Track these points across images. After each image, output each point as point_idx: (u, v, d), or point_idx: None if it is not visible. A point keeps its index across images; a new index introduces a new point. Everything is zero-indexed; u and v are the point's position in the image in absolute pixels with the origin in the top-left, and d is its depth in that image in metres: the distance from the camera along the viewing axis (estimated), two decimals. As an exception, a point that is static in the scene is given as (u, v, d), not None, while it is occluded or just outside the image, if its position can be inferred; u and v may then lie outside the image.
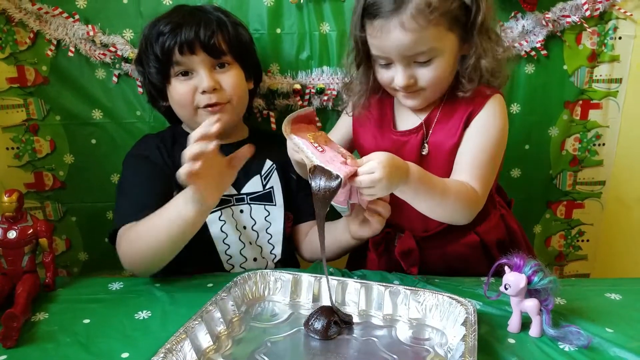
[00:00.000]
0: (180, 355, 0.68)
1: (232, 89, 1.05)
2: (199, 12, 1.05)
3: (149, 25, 1.05)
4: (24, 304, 0.82)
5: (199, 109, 1.03)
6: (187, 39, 0.99)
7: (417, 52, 0.88)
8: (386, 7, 0.85)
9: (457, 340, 0.72)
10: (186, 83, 1.03)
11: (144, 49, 1.06)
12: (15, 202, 0.89)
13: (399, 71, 0.91)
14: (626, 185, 1.41)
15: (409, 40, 0.86)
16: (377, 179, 0.75)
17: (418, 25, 0.84)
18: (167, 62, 1.02)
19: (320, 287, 0.88)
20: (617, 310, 0.87)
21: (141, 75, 1.12)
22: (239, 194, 1.09)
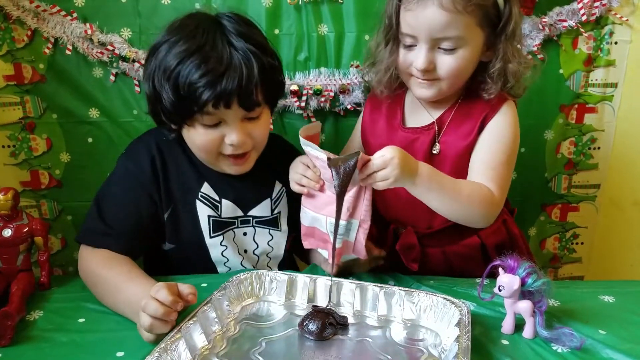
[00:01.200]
0: (174, 354, 0.68)
1: (261, 139, 0.98)
2: (236, 55, 0.88)
3: (168, 52, 0.89)
4: (19, 302, 0.82)
5: (221, 155, 0.96)
6: (225, 95, 0.87)
7: (445, 35, 0.89)
8: None
9: (451, 341, 0.72)
10: (213, 131, 0.92)
11: (160, 79, 0.90)
12: (11, 200, 0.89)
13: (422, 52, 0.91)
14: (621, 189, 1.42)
15: (442, 20, 0.87)
16: (389, 157, 0.80)
17: (455, 7, 0.85)
18: (194, 111, 0.89)
19: (316, 287, 0.88)
20: (611, 312, 0.87)
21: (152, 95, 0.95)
22: (245, 216, 1.04)
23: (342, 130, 1.34)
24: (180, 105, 0.89)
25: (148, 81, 0.93)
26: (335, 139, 1.35)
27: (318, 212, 0.92)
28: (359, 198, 0.88)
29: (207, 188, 1.00)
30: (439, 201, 0.89)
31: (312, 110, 1.30)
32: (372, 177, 0.82)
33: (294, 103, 1.28)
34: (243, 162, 0.97)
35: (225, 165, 0.98)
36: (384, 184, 0.83)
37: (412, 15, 0.90)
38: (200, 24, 0.91)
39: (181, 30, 0.91)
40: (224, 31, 0.91)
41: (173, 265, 1.02)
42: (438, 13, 0.86)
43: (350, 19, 1.26)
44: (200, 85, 0.86)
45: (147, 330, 0.74)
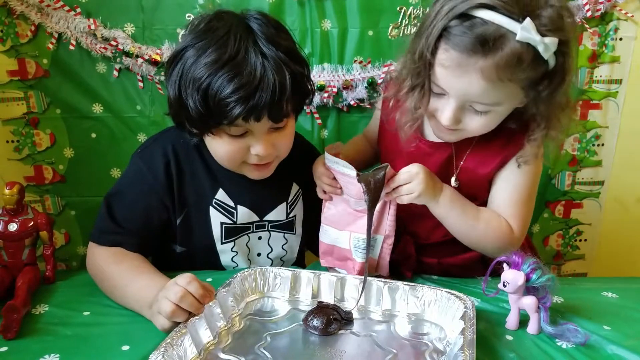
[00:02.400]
0: (180, 349, 0.68)
1: (285, 148, 0.95)
2: (269, 66, 0.83)
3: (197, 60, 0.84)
4: (25, 296, 0.82)
5: (244, 163, 0.93)
6: (257, 110, 0.83)
7: (481, 101, 0.81)
8: (473, 44, 0.75)
9: (456, 335, 0.72)
10: (239, 141, 0.89)
11: (188, 87, 0.85)
12: (16, 194, 0.89)
13: (449, 109, 0.83)
14: (625, 186, 1.42)
15: (481, 88, 0.78)
16: (415, 172, 0.83)
17: (498, 77, 0.76)
18: (222, 123, 0.86)
19: (320, 283, 0.88)
20: (614, 309, 0.87)
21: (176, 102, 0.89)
22: (261, 221, 1.03)
23: (345, 126, 1.34)
24: (208, 115, 0.85)
25: (173, 87, 0.87)
26: (338, 134, 1.35)
27: (341, 229, 0.92)
28: (384, 213, 0.90)
29: (222, 195, 0.99)
30: (457, 225, 0.91)
31: (315, 106, 1.30)
32: (397, 190, 0.85)
33: (298, 99, 1.28)
34: (265, 169, 0.95)
35: (247, 171, 0.95)
36: (408, 197, 0.84)
37: (447, 74, 0.80)
38: (231, 30, 0.85)
39: (210, 35, 0.85)
40: (255, 38, 0.85)
41: (182, 266, 1.01)
42: (477, 81, 0.77)
43: (354, 14, 1.26)
44: (232, 100, 0.82)
45: (168, 317, 0.73)
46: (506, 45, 0.74)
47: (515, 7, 0.73)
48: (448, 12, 0.76)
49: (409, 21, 1.25)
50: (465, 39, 0.75)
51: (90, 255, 0.93)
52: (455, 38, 0.76)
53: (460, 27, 0.76)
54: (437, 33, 0.78)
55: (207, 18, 0.88)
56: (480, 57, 0.75)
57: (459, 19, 0.75)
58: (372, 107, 1.31)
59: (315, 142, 1.33)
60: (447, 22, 0.76)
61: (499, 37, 0.73)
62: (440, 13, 0.78)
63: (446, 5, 0.77)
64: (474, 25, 0.74)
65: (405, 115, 0.89)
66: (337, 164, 0.87)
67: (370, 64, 1.28)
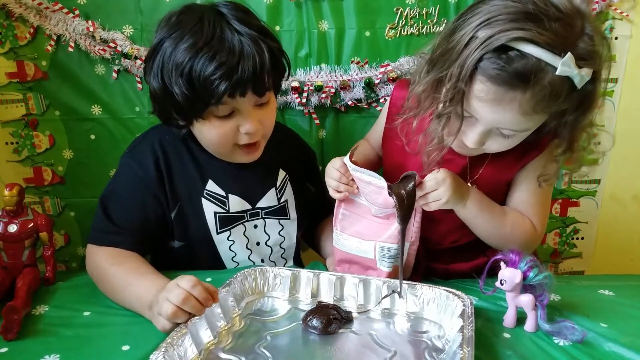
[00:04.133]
0: (181, 349, 0.69)
1: (269, 125, 0.99)
2: (246, 42, 0.87)
3: (175, 48, 0.87)
4: (25, 297, 0.83)
5: (235, 146, 0.96)
6: (241, 84, 0.87)
7: (511, 128, 0.80)
8: (512, 79, 0.73)
9: (455, 332, 0.73)
10: (228, 122, 0.92)
11: (171, 74, 0.88)
12: (16, 196, 0.90)
13: (476, 133, 0.82)
14: (621, 184, 1.42)
15: (516, 119, 0.77)
16: (442, 178, 0.83)
17: (534, 110, 0.75)
18: (209, 103, 0.89)
19: (319, 283, 0.88)
20: (611, 306, 0.88)
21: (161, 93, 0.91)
22: (254, 209, 1.04)
23: (343, 126, 1.35)
24: (195, 98, 0.88)
25: (156, 78, 0.90)
26: (336, 135, 1.36)
27: (366, 239, 0.92)
28: (410, 220, 0.88)
29: (212, 185, 1.01)
30: (485, 227, 0.92)
31: (312, 106, 1.31)
32: (424, 197, 0.84)
33: (295, 99, 1.29)
34: (255, 150, 0.98)
35: (238, 154, 0.98)
36: (436, 204, 0.84)
37: (482, 106, 0.78)
38: (203, 16, 0.89)
39: (183, 24, 0.89)
40: (228, 20, 0.90)
41: (181, 262, 1.03)
42: (512, 113, 0.76)
43: (351, 15, 1.26)
44: (216, 77, 0.85)
45: (169, 319, 0.73)
46: (545, 79, 0.72)
47: (556, 40, 0.71)
48: (484, 42, 0.73)
49: (406, 22, 1.25)
50: (504, 74, 0.73)
51: (89, 257, 0.93)
52: (492, 71, 0.73)
53: (497, 60, 0.73)
54: (472, 64, 0.74)
55: (178, 12, 0.92)
56: (519, 91, 0.73)
57: (496, 51, 0.73)
58: (369, 107, 1.32)
59: (313, 142, 1.34)
60: (485, 52, 0.73)
61: (539, 71, 0.71)
62: (473, 41, 0.74)
63: (480, 33, 0.74)
64: (513, 58, 0.72)
65: (430, 142, 0.86)
66: (361, 173, 0.87)
67: (368, 65, 1.28)
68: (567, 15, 0.72)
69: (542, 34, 0.71)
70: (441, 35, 0.84)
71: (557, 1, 0.73)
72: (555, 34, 0.71)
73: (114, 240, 0.93)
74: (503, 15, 0.73)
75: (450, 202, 0.85)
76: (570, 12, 0.73)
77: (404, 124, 0.92)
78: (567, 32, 0.72)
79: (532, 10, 0.72)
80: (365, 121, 1.33)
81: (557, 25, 0.71)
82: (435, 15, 1.25)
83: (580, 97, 0.76)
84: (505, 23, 0.72)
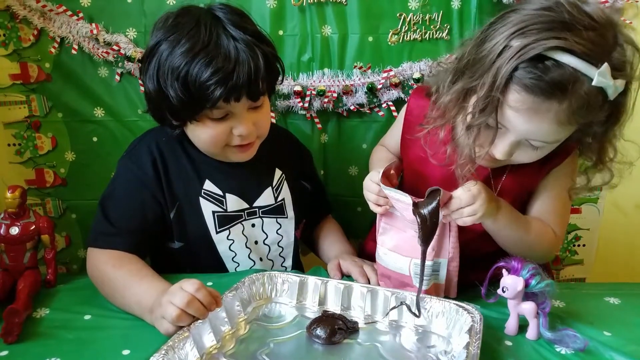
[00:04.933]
0: (182, 352, 0.68)
1: (264, 127, 1.00)
2: (241, 48, 0.89)
3: (172, 51, 0.88)
4: (26, 299, 0.83)
5: (228, 146, 0.97)
6: (236, 89, 0.88)
7: (542, 139, 0.78)
8: (549, 89, 0.71)
9: (460, 348, 0.71)
10: (221, 124, 0.93)
11: (167, 78, 0.89)
12: (18, 198, 0.90)
13: (506, 144, 0.80)
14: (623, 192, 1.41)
15: (550, 130, 0.76)
16: (477, 192, 0.80)
17: (568, 121, 0.74)
18: (204, 107, 0.90)
19: (327, 290, 0.88)
20: (616, 314, 0.88)
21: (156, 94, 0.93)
22: (251, 208, 1.05)
23: (345, 131, 1.35)
24: (191, 102, 0.89)
25: (152, 80, 0.92)
26: (338, 139, 1.36)
27: (404, 254, 0.90)
28: (444, 235, 0.87)
29: (209, 185, 1.01)
30: (511, 238, 0.91)
31: (315, 111, 1.31)
32: (459, 212, 0.82)
33: (297, 104, 1.29)
34: (248, 149, 0.99)
35: (231, 153, 0.99)
36: (471, 219, 0.82)
37: (516, 116, 0.76)
38: (200, 20, 0.90)
39: (180, 27, 0.90)
40: (224, 25, 0.91)
41: (181, 263, 1.03)
42: (548, 124, 0.74)
43: (354, 20, 1.26)
44: (212, 82, 0.86)
45: (173, 322, 0.73)
46: (581, 89, 0.71)
47: (592, 50, 0.70)
48: (519, 51, 0.71)
49: (409, 27, 1.25)
50: (541, 84, 0.71)
51: (89, 260, 0.93)
52: (528, 81, 0.72)
53: (534, 70, 0.71)
54: (507, 74, 0.73)
55: (174, 14, 0.93)
56: (555, 102, 0.72)
57: (532, 60, 0.71)
58: (371, 112, 1.31)
59: (315, 147, 1.34)
60: (520, 62, 0.71)
61: (576, 81, 0.71)
62: (507, 51, 0.73)
63: (514, 42, 0.73)
64: (549, 68, 0.71)
65: (461, 155, 0.84)
66: (390, 191, 0.87)
67: (370, 70, 1.28)
68: (602, 24, 0.72)
69: (579, 43, 0.70)
70: (469, 44, 0.82)
71: (590, 10, 0.72)
72: (592, 43, 0.70)
73: (113, 242, 0.93)
74: (537, 25, 0.72)
75: (484, 216, 0.82)
76: (604, 22, 0.72)
77: (427, 134, 0.91)
78: (602, 42, 0.71)
79: (567, 19, 0.71)
80: (367, 126, 1.33)
81: (592, 34, 0.71)
82: (438, 21, 1.25)
83: (611, 108, 0.75)
84: (540, 32, 0.71)
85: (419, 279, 0.84)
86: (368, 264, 1.01)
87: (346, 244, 1.17)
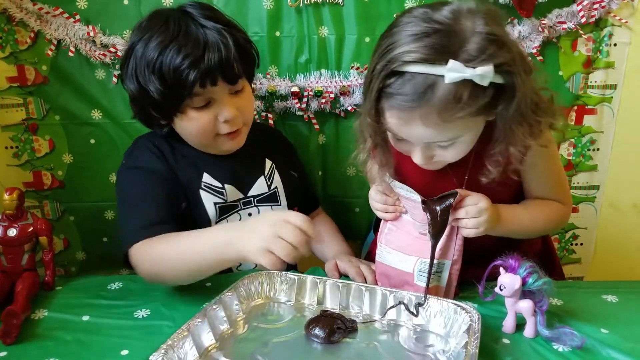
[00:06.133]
0: (181, 352, 0.69)
1: (249, 112, 1.04)
2: (210, 34, 0.94)
3: (145, 48, 0.93)
4: (24, 301, 0.83)
5: (218, 135, 1.00)
6: (209, 72, 0.92)
7: (438, 141, 0.80)
8: (409, 99, 0.74)
9: (459, 348, 0.71)
10: (206, 113, 0.96)
11: (144, 74, 0.94)
12: (16, 200, 0.90)
13: (417, 152, 0.83)
14: (620, 191, 1.43)
15: (432, 133, 0.77)
16: (484, 208, 0.83)
17: (442, 120, 0.74)
18: (183, 95, 0.93)
19: (325, 289, 0.88)
20: (613, 312, 0.88)
21: (138, 93, 0.97)
22: (246, 197, 1.08)
23: (342, 131, 1.35)
24: (169, 93, 0.93)
25: (132, 80, 0.96)
26: (336, 140, 1.36)
27: (409, 254, 0.91)
28: (451, 237, 0.87)
29: (208, 178, 1.04)
30: (517, 234, 0.94)
31: (312, 112, 1.31)
32: (462, 222, 0.85)
33: (295, 105, 1.29)
34: (237, 137, 1.02)
35: (221, 142, 1.02)
36: (474, 232, 0.84)
37: (398, 128, 0.80)
38: (169, 17, 0.95)
39: (152, 26, 0.95)
40: (193, 17, 0.96)
41: None
42: (424, 129, 0.76)
43: (351, 21, 1.27)
44: (185, 67, 0.90)
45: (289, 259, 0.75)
46: (438, 91, 0.73)
47: (436, 54, 0.72)
48: (380, 72, 0.76)
49: (406, 28, 1.26)
50: (400, 97, 0.75)
51: (136, 258, 0.89)
52: (391, 96, 0.76)
53: (394, 85, 0.75)
54: (375, 94, 0.77)
55: (146, 17, 0.99)
56: (418, 109, 0.74)
57: (392, 77, 0.75)
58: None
59: (312, 148, 1.35)
60: (382, 83, 0.76)
61: (430, 85, 0.73)
62: (375, 73, 0.77)
63: (378, 64, 0.76)
64: (405, 81, 0.74)
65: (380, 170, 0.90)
66: (401, 189, 0.88)
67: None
68: (448, 25, 0.73)
69: (424, 50, 0.72)
70: None
71: (439, 16, 0.74)
72: (436, 46, 0.72)
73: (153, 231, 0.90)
74: (390, 45, 0.75)
75: (486, 231, 0.85)
76: (451, 21, 0.73)
77: None
78: (447, 42, 0.72)
79: (415, 31, 0.74)
80: (365, 126, 1.33)
81: (436, 37, 0.73)
82: (434, 21, 1.25)
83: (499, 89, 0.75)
84: (393, 51, 0.74)
85: (424, 277, 0.86)
86: (365, 264, 1.02)
87: (343, 243, 1.18)
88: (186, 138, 1.02)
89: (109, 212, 1.36)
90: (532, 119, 0.81)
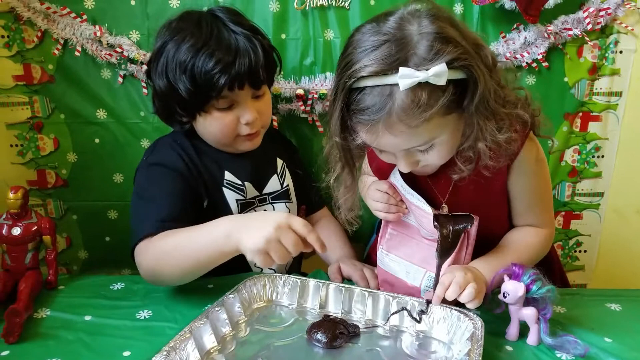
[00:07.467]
0: (183, 354, 0.69)
1: (267, 116, 1.08)
2: (241, 40, 0.98)
3: (178, 49, 0.96)
4: (27, 300, 0.83)
5: (238, 136, 1.04)
6: (238, 77, 0.96)
7: (413, 146, 0.79)
8: (369, 110, 0.75)
9: (462, 355, 0.71)
10: (228, 114, 1.01)
11: (175, 72, 0.96)
12: (21, 198, 0.90)
13: (399, 160, 0.83)
14: (625, 198, 1.42)
15: (403, 141, 0.77)
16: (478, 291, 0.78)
17: (408, 126, 0.74)
18: (211, 97, 0.97)
19: (328, 293, 0.88)
20: (617, 320, 0.88)
21: (165, 91, 1.00)
22: (261, 195, 1.11)
23: (347, 134, 1.35)
24: (198, 93, 0.97)
25: (161, 77, 0.99)
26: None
27: (415, 262, 0.90)
28: (462, 248, 0.87)
29: (229, 176, 1.06)
30: None
31: (317, 114, 1.31)
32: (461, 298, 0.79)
33: (299, 107, 1.29)
34: (255, 138, 1.06)
35: (240, 142, 1.05)
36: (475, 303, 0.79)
37: (370, 141, 0.79)
38: (201, 20, 0.99)
39: (184, 27, 0.98)
40: (223, 22, 1.00)
41: None
42: (392, 138, 0.76)
43: (357, 24, 1.22)
44: (217, 71, 0.94)
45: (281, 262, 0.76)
46: (397, 99, 0.72)
47: (387, 64, 0.72)
48: (341, 90, 0.76)
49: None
50: (360, 113, 0.76)
51: (141, 255, 0.89)
52: (355, 113, 0.77)
53: (355, 101, 0.76)
54: (339, 113, 0.78)
55: (176, 19, 1.02)
56: (381, 120, 0.74)
57: (352, 94, 0.76)
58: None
59: (316, 149, 1.34)
60: (344, 101, 0.77)
61: (388, 95, 0.73)
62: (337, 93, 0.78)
63: (339, 84, 0.77)
64: (365, 95, 0.75)
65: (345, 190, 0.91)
66: (411, 195, 0.87)
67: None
68: (392, 35, 0.73)
69: (373, 63, 0.73)
70: None
71: (383, 28, 0.75)
72: (384, 57, 0.72)
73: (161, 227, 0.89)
74: (346, 64, 0.76)
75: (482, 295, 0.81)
76: (396, 30, 0.74)
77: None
78: (393, 51, 0.73)
79: (364, 48, 0.74)
80: (369, 130, 1.33)
81: (384, 48, 0.73)
82: (440, 26, 1.25)
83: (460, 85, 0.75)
84: (349, 69, 0.75)
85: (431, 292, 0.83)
86: (368, 268, 1.02)
87: (347, 246, 1.18)
88: (206, 137, 1.05)
89: (112, 212, 1.36)
90: (500, 113, 0.80)
